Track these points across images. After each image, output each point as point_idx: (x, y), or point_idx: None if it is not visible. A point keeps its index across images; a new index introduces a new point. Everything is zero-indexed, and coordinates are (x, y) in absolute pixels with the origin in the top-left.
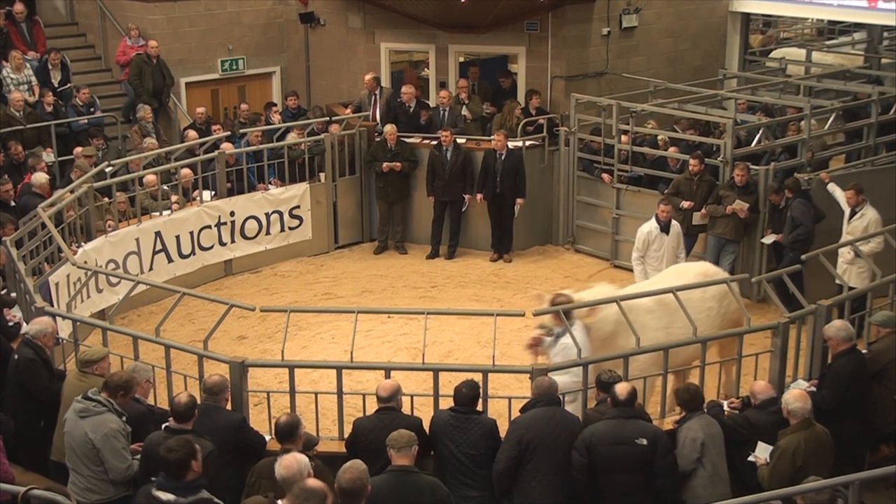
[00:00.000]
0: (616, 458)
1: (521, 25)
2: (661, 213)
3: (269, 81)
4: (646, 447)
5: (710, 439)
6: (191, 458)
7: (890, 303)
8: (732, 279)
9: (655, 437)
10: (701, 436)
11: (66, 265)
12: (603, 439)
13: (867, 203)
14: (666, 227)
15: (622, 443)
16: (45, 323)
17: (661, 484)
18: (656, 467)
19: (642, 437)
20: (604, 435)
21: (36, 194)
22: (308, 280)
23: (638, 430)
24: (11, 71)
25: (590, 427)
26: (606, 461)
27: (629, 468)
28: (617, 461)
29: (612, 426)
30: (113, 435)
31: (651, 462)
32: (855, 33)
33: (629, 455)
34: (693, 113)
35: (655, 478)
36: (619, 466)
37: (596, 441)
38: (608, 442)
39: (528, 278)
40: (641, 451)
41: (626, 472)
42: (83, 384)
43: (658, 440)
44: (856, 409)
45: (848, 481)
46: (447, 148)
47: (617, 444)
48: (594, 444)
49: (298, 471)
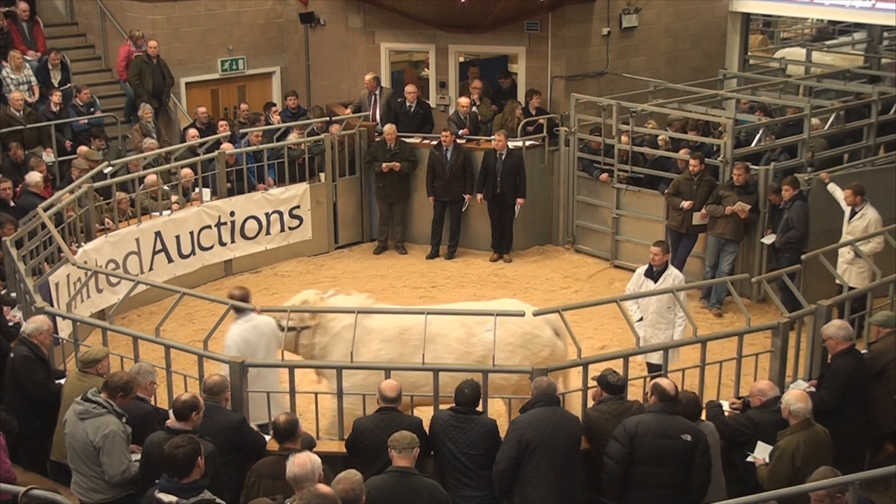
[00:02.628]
0: (660, 451)
1: (521, 25)
2: (651, 257)
3: (269, 81)
4: (689, 443)
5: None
6: (197, 455)
7: (890, 303)
8: (732, 279)
9: (698, 434)
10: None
11: (66, 265)
12: (649, 431)
13: (867, 203)
14: (654, 273)
15: (667, 437)
16: (40, 321)
17: (696, 481)
18: (693, 464)
19: (687, 434)
20: (650, 427)
21: (36, 194)
22: (308, 280)
23: (682, 426)
24: (11, 71)
25: (633, 418)
26: (649, 453)
27: (670, 463)
28: (659, 454)
29: (659, 420)
30: (112, 437)
31: (691, 459)
32: (855, 33)
33: (672, 449)
34: (693, 113)
35: (691, 475)
36: (661, 460)
37: (642, 432)
38: (654, 434)
39: (528, 278)
40: (684, 446)
41: (665, 466)
42: (83, 384)
43: (699, 438)
44: (855, 409)
45: (848, 481)
46: (447, 148)
47: (662, 438)
48: (639, 434)
49: (311, 470)
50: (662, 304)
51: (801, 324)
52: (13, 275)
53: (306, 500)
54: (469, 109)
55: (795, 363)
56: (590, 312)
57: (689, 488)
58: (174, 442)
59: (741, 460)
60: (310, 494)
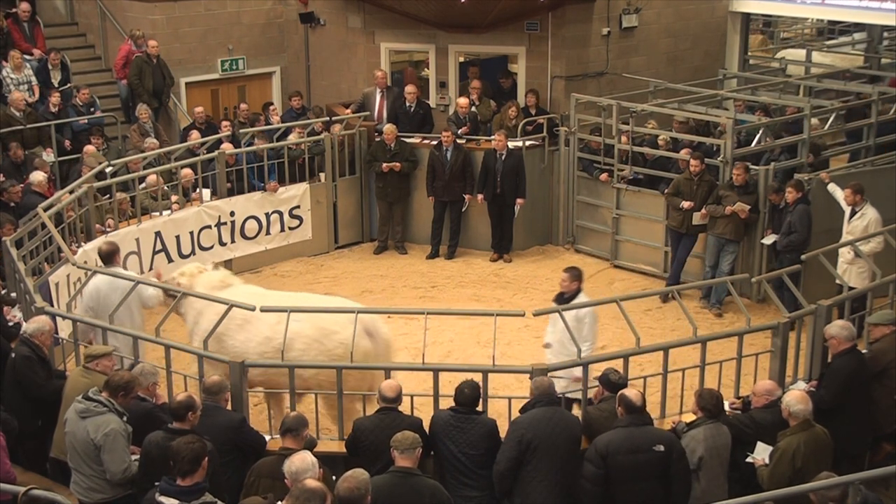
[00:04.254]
0: (634, 466)
1: (521, 25)
2: (560, 283)
3: (268, 81)
4: (663, 454)
5: (711, 453)
6: (204, 456)
7: (890, 303)
8: (732, 279)
9: (671, 442)
10: (701, 450)
11: (66, 265)
12: (620, 448)
13: (867, 203)
14: (562, 299)
15: (640, 451)
16: (42, 322)
17: (676, 489)
18: (671, 472)
19: (659, 444)
20: (621, 444)
21: (36, 193)
22: (308, 280)
23: (653, 436)
24: (11, 71)
25: (603, 437)
26: (624, 471)
27: (647, 476)
28: (635, 470)
29: (628, 434)
30: (113, 436)
31: (667, 468)
32: (855, 33)
33: (647, 463)
34: (693, 113)
35: (671, 483)
36: (637, 475)
37: (613, 451)
38: (626, 451)
39: (528, 278)
40: (659, 457)
41: (643, 481)
42: (86, 380)
43: (673, 445)
44: (855, 409)
45: (848, 481)
46: (447, 148)
47: (635, 453)
48: (611, 453)
49: (310, 465)
50: (565, 336)
51: (801, 324)
52: (13, 275)
53: (296, 496)
54: (468, 110)
55: (795, 363)
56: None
57: (670, 497)
58: (185, 438)
59: (742, 460)
60: (298, 490)
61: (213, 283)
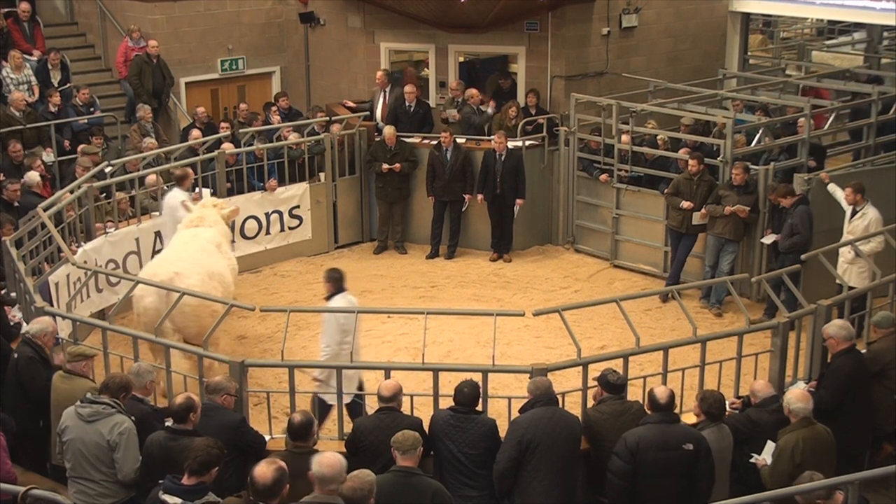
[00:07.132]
0: (663, 463)
1: (520, 25)
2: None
3: (268, 81)
4: (692, 452)
5: (715, 456)
6: (217, 464)
7: (890, 303)
8: (732, 279)
9: (699, 440)
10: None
11: (66, 265)
12: (651, 445)
13: (868, 203)
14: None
15: (669, 448)
16: (45, 322)
17: (702, 485)
18: (698, 471)
19: (688, 443)
20: (651, 441)
21: (36, 193)
22: (308, 280)
23: (683, 434)
24: (11, 71)
25: (633, 432)
26: (653, 467)
27: (674, 473)
28: (663, 467)
29: (659, 431)
30: (128, 434)
31: (695, 466)
32: (855, 33)
33: (676, 460)
34: (693, 113)
35: (696, 481)
36: (665, 472)
37: (643, 447)
38: (656, 448)
39: (528, 278)
40: (687, 456)
41: (670, 478)
42: (68, 386)
43: (701, 444)
44: (855, 409)
45: (848, 481)
46: (447, 148)
47: (665, 450)
48: (641, 449)
49: (339, 471)
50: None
51: (801, 324)
52: (13, 275)
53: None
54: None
55: (795, 363)
56: (590, 312)
57: (694, 493)
58: (208, 440)
59: (741, 460)
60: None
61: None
